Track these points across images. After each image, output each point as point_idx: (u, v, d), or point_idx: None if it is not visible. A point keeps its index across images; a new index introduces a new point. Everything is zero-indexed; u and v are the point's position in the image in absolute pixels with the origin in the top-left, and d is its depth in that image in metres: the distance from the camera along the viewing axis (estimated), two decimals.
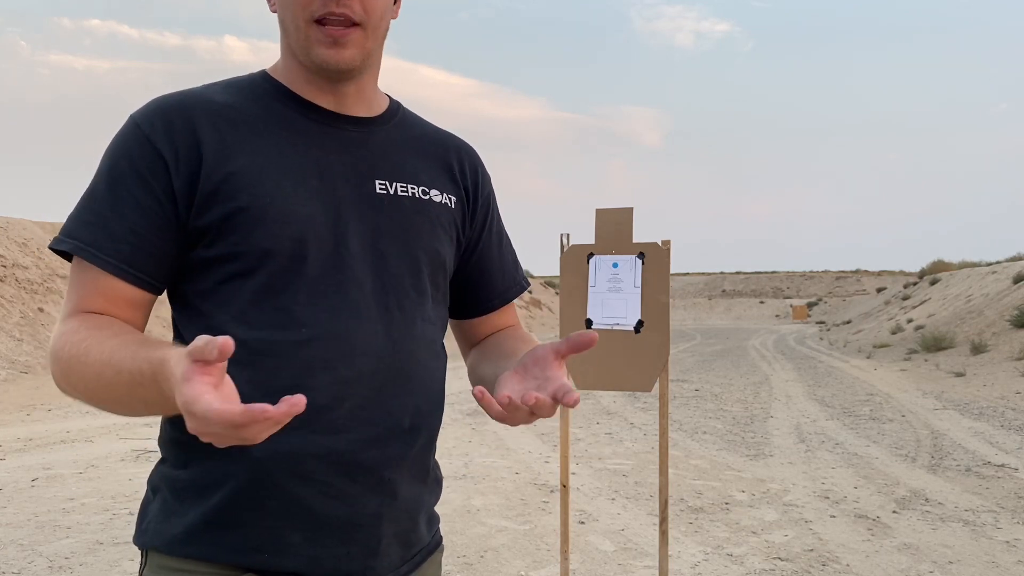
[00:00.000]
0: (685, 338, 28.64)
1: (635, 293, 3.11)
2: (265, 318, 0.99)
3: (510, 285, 1.29)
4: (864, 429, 8.13)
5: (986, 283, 23.16)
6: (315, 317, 0.99)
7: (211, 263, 1.00)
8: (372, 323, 1.02)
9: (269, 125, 1.05)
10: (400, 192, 1.09)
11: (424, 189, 1.12)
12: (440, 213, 1.13)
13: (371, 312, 1.03)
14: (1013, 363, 12.62)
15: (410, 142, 1.16)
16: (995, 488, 5.62)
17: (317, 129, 1.07)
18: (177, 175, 0.98)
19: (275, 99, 1.07)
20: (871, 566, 4.06)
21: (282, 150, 1.03)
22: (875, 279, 61.20)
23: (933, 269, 31.91)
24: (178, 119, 1.00)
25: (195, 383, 0.74)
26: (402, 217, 1.08)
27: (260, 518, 0.99)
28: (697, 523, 4.81)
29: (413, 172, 1.12)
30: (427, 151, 1.17)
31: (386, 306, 1.05)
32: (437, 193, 1.14)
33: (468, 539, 4.46)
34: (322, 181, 1.03)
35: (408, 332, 1.06)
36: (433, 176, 1.15)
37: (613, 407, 9.57)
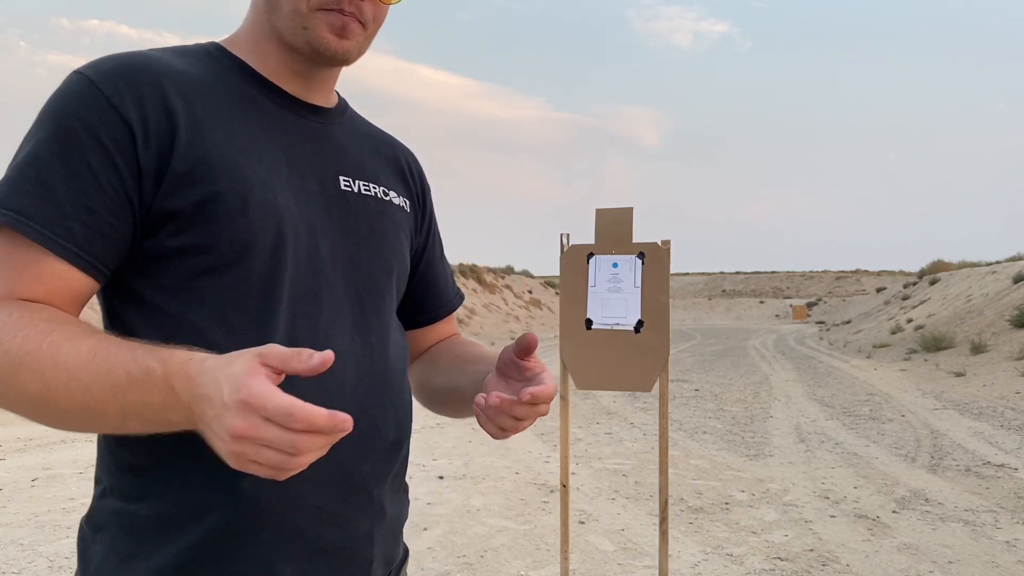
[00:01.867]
0: (685, 338, 28.63)
1: (635, 293, 3.11)
2: (247, 321, 0.88)
3: (453, 295, 1.26)
4: (864, 429, 8.13)
5: (986, 283, 23.16)
6: (295, 321, 0.91)
7: (178, 254, 0.87)
8: (351, 330, 0.96)
9: (237, 103, 0.95)
10: (364, 191, 1.03)
11: (384, 190, 1.07)
12: (400, 217, 1.09)
13: (348, 318, 0.97)
14: (1013, 363, 12.61)
15: (365, 139, 1.11)
16: (995, 488, 5.62)
17: (283, 114, 0.99)
18: (146, 149, 0.85)
19: (239, 76, 0.98)
20: (871, 566, 4.06)
21: (253, 133, 0.94)
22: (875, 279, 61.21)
23: (933, 269, 31.91)
24: (147, 85, 0.87)
25: (265, 379, 0.69)
26: (368, 218, 1.02)
27: (249, 554, 0.88)
28: (697, 523, 4.81)
29: (373, 171, 1.07)
30: (380, 150, 1.13)
31: (362, 311, 0.99)
32: (395, 195, 1.09)
33: (468, 539, 4.47)
34: (291, 172, 0.95)
35: (385, 340, 1.01)
36: (389, 177, 1.11)
37: (613, 407, 9.57)
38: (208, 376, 0.72)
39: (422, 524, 4.73)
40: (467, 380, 1.10)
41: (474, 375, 1.08)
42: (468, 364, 1.13)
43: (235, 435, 0.69)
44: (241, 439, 0.69)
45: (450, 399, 1.16)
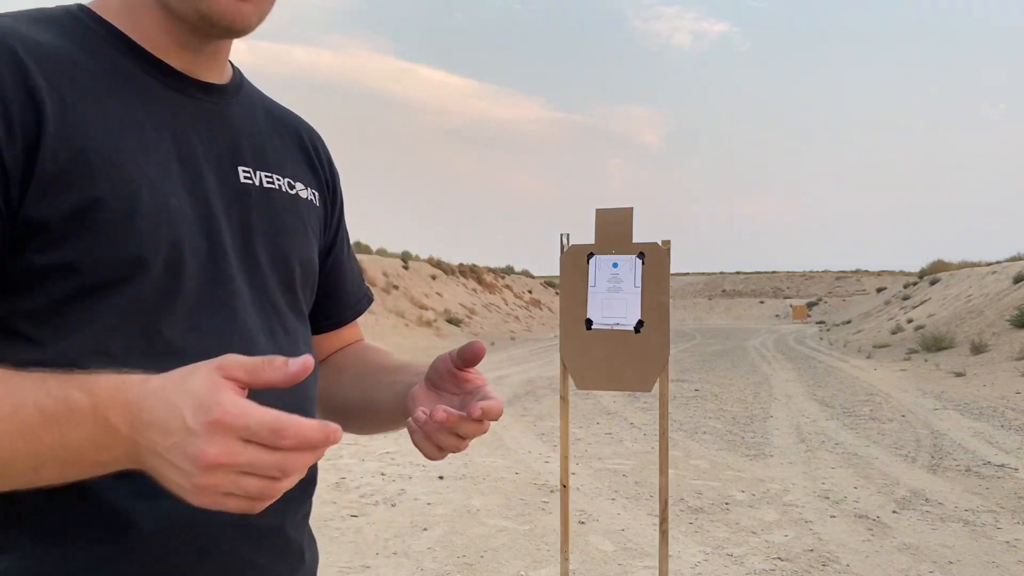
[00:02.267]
0: (685, 338, 28.64)
1: (635, 293, 3.11)
2: (135, 348, 0.73)
3: (361, 296, 1.12)
4: (864, 429, 8.13)
5: (986, 283, 23.16)
6: (199, 345, 0.76)
7: (47, 273, 0.71)
8: (264, 351, 0.81)
9: (114, 84, 0.78)
10: (266, 183, 0.89)
11: (290, 181, 0.93)
12: (308, 212, 0.95)
13: (259, 336, 0.83)
14: (1013, 363, 12.61)
15: (266, 120, 0.95)
16: (995, 488, 5.62)
17: (169, 95, 0.82)
18: (10, 146, 0.69)
19: (114, 48, 0.80)
20: (871, 566, 4.06)
21: (137, 120, 0.78)
22: (875, 279, 61.23)
23: (933, 269, 31.91)
24: (4, 64, 0.71)
25: (235, 393, 0.59)
26: (273, 216, 0.88)
27: None
28: (697, 523, 4.81)
29: (277, 159, 0.93)
30: (283, 132, 0.97)
31: (271, 329, 0.85)
32: (302, 187, 0.94)
33: (468, 539, 4.46)
34: (183, 165, 0.80)
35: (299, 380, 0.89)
36: (296, 165, 0.96)
37: (613, 407, 9.57)
38: (156, 399, 0.60)
39: (422, 524, 4.73)
40: (385, 393, 0.96)
41: (393, 387, 0.95)
42: (386, 375, 0.99)
43: (208, 464, 0.57)
44: (215, 468, 0.57)
45: (360, 414, 1.01)
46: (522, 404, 9.93)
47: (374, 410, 0.99)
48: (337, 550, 4.23)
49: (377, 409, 0.98)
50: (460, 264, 35.97)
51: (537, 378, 13.18)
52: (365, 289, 1.14)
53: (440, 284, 31.83)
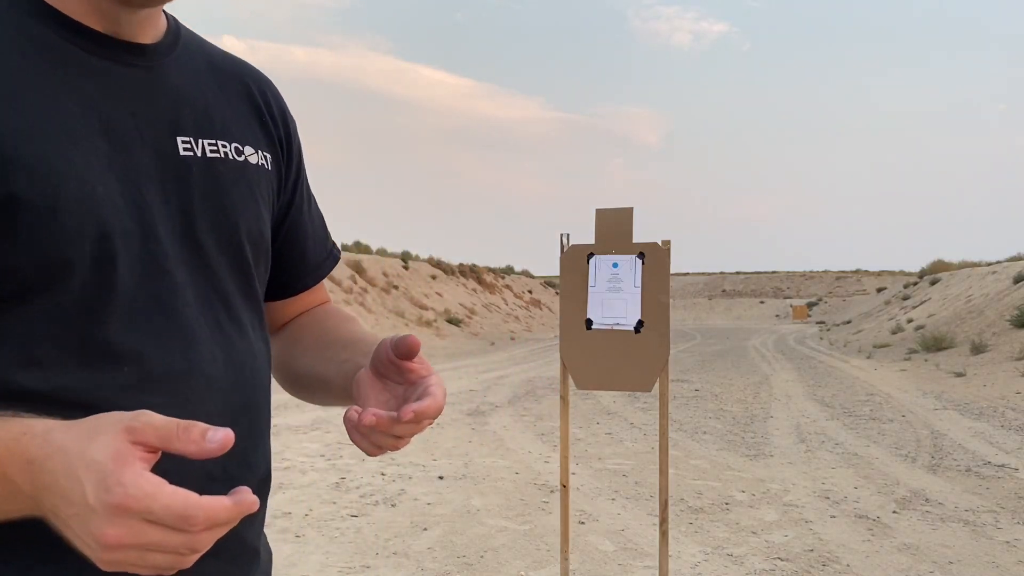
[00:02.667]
0: (685, 338, 28.64)
1: (635, 293, 3.11)
2: (68, 355, 0.67)
3: (324, 258, 1.02)
4: (864, 429, 8.13)
5: (986, 283, 23.16)
6: (138, 347, 0.70)
7: None
8: (208, 347, 0.76)
9: (25, 54, 0.69)
10: (210, 152, 0.80)
11: (237, 147, 0.83)
12: (258, 179, 0.85)
13: (204, 332, 0.76)
14: (1013, 363, 12.61)
15: (208, 76, 0.85)
16: (995, 488, 5.62)
17: (92, 63, 0.73)
18: None
19: (22, 11, 0.70)
20: (871, 566, 4.06)
21: (55, 96, 0.69)
22: (875, 279, 61.24)
23: (933, 269, 31.92)
24: None
25: (141, 469, 0.54)
26: (217, 189, 0.80)
27: None
28: (697, 523, 4.81)
29: (222, 122, 0.83)
30: (228, 87, 0.87)
31: (217, 320, 0.78)
32: (252, 151, 0.85)
33: (468, 539, 4.46)
34: (111, 143, 0.72)
35: (248, 352, 0.82)
36: (243, 126, 0.86)
37: (613, 407, 9.57)
38: (57, 462, 0.55)
39: (422, 524, 4.73)
40: (334, 370, 0.90)
41: (343, 366, 0.89)
42: (337, 350, 0.92)
43: (108, 545, 0.54)
44: (116, 548, 0.54)
45: (314, 387, 0.97)
46: (522, 404, 9.93)
47: (325, 387, 0.93)
48: (337, 550, 4.24)
49: (328, 386, 0.92)
50: (460, 264, 35.98)
51: (537, 378, 13.18)
52: (329, 247, 1.04)
53: (440, 284, 31.83)
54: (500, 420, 8.62)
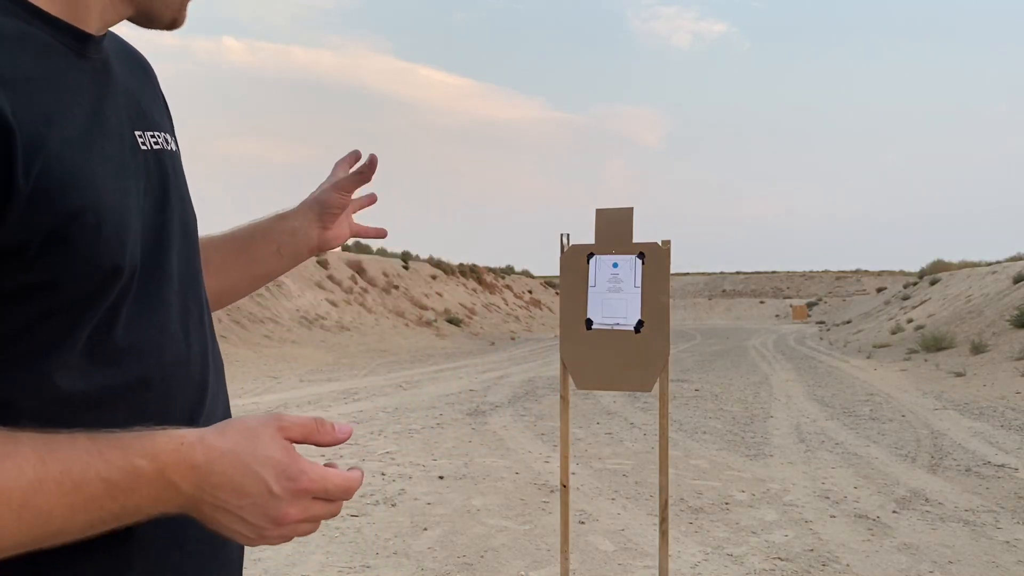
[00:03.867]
0: (685, 338, 28.64)
1: (635, 293, 3.11)
2: (106, 357, 0.70)
3: None
4: (864, 429, 8.13)
5: (986, 283, 23.16)
6: (137, 343, 0.73)
7: (12, 297, 0.64)
8: (197, 333, 0.81)
9: (39, 61, 0.67)
10: (155, 145, 0.80)
11: (166, 136, 0.84)
12: (181, 165, 0.88)
13: (190, 321, 0.80)
14: (1013, 363, 12.61)
15: (125, 64, 0.83)
16: (995, 488, 5.62)
17: (76, 62, 0.71)
18: None
19: (20, 17, 0.67)
20: (871, 566, 4.06)
21: (70, 102, 0.69)
22: (875, 279, 61.25)
23: (933, 269, 31.92)
24: None
25: (307, 460, 0.66)
26: (169, 180, 0.81)
27: None
28: (697, 523, 4.81)
29: (150, 113, 0.83)
30: (140, 75, 0.86)
31: (190, 307, 0.81)
32: (170, 138, 0.85)
33: (468, 539, 4.47)
34: (106, 141, 0.72)
35: (213, 337, 0.86)
36: (161, 114, 0.87)
37: (613, 407, 9.57)
38: (227, 462, 0.64)
39: (422, 524, 4.73)
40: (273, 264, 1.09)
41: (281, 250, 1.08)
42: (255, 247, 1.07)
43: (289, 522, 0.66)
44: (292, 524, 0.66)
45: (240, 287, 1.09)
46: (522, 404, 9.93)
47: (265, 278, 1.09)
48: (337, 550, 4.24)
49: (271, 275, 1.09)
50: (460, 264, 35.97)
51: (537, 378, 13.18)
52: None
53: (440, 284, 31.83)
54: (500, 420, 8.62)
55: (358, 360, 16.48)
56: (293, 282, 21.59)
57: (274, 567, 3.96)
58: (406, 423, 8.35)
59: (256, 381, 12.19)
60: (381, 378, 13.18)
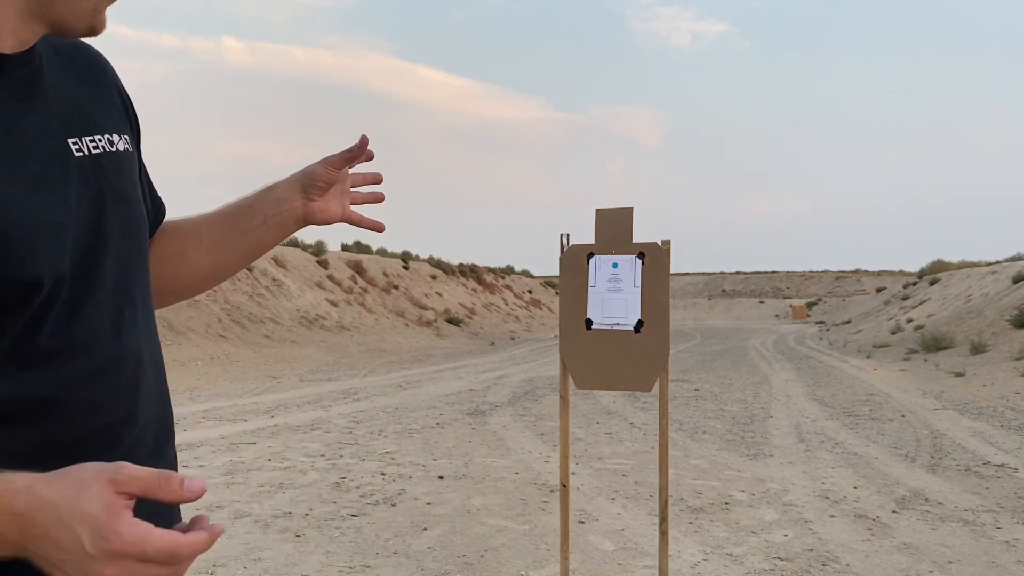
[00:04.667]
0: (685, 338, 28.64)
1: (635, 293, 3.11)
2: (31, 362, 0.73)
3: (160, 205, 1.06)
4: (864, 429, 8.14)
5: (985, 283, 23.17)
6: (68, 347, 0.75)
7: None
8: (132, 333, 0.83)
9: None
10: (94, 149, 0.82)
11: (110, 138, 0.85)
12: (130, 164, 0.89)
13: (127, 320, 0.83)
14: (1012, 363, 12.62)
15: (63, 69, 0.85)
16: (995, 488, 5.62)
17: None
18: None
19: None
20: (871, 566, 4.06)
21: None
22: (875, 279, 61.25)
23: (933, 269, 31.93)
24: None
25: (131, 517, 0.61)
26: (109, 184, 0.83)
27: None
28: (697, 523, 4.81)
29: (93, 116, 0.84)
30: (85, 77, 0.87)
31: (133, 308, 0.84)
32: (119, 138, 0.87)
33: (468, 539, 4.47)
34: (25, 158, 0.74)
35: (151, 337, 0.88)
36: (108, 114, 0.88)
37: (613, 407, 9.57)
38: (48, 514, 0.62)
39: (422, 524, 4.73)
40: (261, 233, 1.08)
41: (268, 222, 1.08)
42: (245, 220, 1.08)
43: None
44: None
45: (232, 262, 1.11)
46: (522, 404, 9.94)
47: (255, 251, 1.10)
48: (337, 550, 4.24)
49: (260, 247, 1.10)
50: (460, 264, 35.97)
51: (537, 378, 13.18)
52: (159, 198, 1.08)
53: (440, 284, 31.83)
54: (500, 420, 8.62)
55: (358, 360, 16.49)
56: (293, 282, 21.60)
57: (274, 567, 3.97)
58: (406, 423, 8.36)
59: (256, 381, 12.19)
60: (381, 378, 13.18)
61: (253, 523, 4.66)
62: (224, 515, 4.82)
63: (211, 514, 4.83)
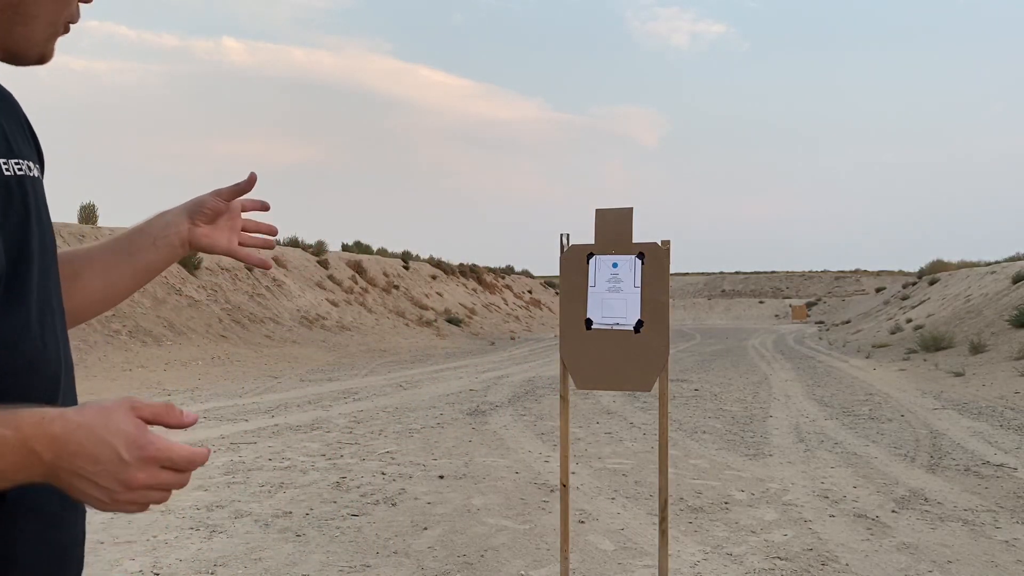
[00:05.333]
0: (685, 338, 28.65)
1: (635, 293, 3.12)
2: None
3: None
4: (863, 429, 8.14)
5: (985, 283, 23.17)
6: (10, 339, 0.83)
7: None
8: (48, 335, 0.89)
9: None
10: (19, 172, 0.88)
11: (29, 164, 0.91)
12: (43, 190, 0.95)
13: (50, 322, 0.90)
14: (1012, 363, 12.63)
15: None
16: (994, 488, 5.63)
17: None
18: None
19: None
20: (870, 565, 4.07)
21: None
22: (874, 279, 61.24)
23: (932, 269, 31.94)
24: None
25: (154, 432, 0.75)
26: (32, 204, 0.89)
27: None
28: (697, 523, 4.82)
29: (14, 142, 0.90)
30: (8, 111, 0.94)
31: (53, 314, 0.91)
32: (33, 166, 0.93)
33: (468, 539, 4.47)
34: None
35: (66, 341, 0.95)
36: (22, 144, 0.93)
37: (613, 407, 9.58)
38: (83, 434, 0.73)
39: (422, 524, 4.74)
40: (150, 256, 1.16)
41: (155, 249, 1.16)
42: (131, 251, 1.15)
43: (137, 486, 0.74)
44: (139, 489, 0.75)
45: (117, 292, 1.17)
46: (522, 404, 9.94)
47: (145, 272, 1.17)
48: (338, 549, 4.25)
49: (149, 268, 1.17)
50: (460, 264, 35.98)
51: (537, 378, 13.19)
52: None
53: (440, 284, 31.83)
54: (500, 420, 8.63)
55: (358, 360, 16.49)
56: (293, 282, 21.61)
57: (274, 567, 3.97)
58: (406, 423, 8.36)
59: (257, 381, 12.20)
60: (381, 378, 13.19)
61: (253, 523, 4.66)
62: (224, 515, 4.82)
63: (212, 513, 4.84)
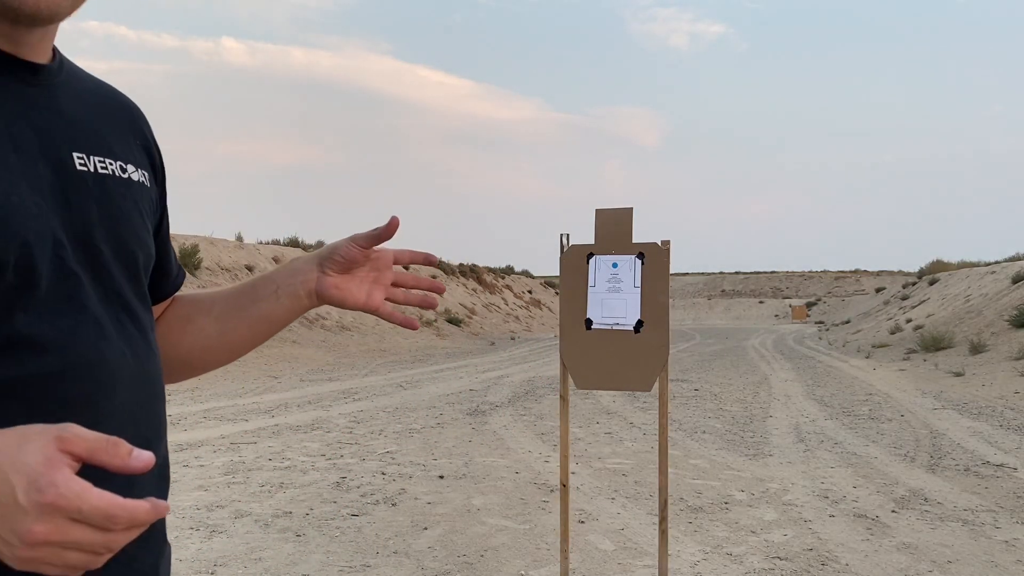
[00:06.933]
0: (684, 338, 28.65)
1: (635, 293, 3.12)
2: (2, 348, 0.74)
3: (178, 271, 1.09)
4: (863, 429, 8.14)
5: (985, 283, 23.18)
6: (59, 340, 0.77)
7: None
8: (116, 342, 0.82)
9: None
10: (100, 169, 0.86)
11: (122, 165, 0.90)
12: (141, 196, 0.92)
13: (110, 328, 0.82)
14: (1012, 363, 12.63)
15: (92, 99, 0.92)
16: (994, 488, 5.63)
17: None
18: None
19: None
20: (870, 565, 4.07)
21: None
22: (874, 279, 61.26)
23: (932, 269, 31.95)
24: None
25: (71, 473, 0.58)
26: (110, 203, 0.86)
27: None
28: (697, 522, 4.82)
29: (107, 141, 0.90)
30: (110, 112, 0.94)
31: (118, 319, 0.84)
32: (134, 169, 0.92)
33: (468, 539, 4.48)
34: (19, 156, 0.78)
35: (149, 351, 0.89)
36: (125, 147, 0.93)
37: (613, 407, 9.58)
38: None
39: (422, 524, 4.74)
40: (271, 304, 1.05)
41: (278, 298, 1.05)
42: (248, 295, 1.06)
43: (34, 542, 0.57)
44: (42, 545, 0.58)
45: (241, 339, 1.08)
46: (522, 404, 9.94)
47: (265, 323, 1.07)
48: (338, 549, 4.25)
49: (270, 319, 1.07)
50: (460, 264, 35.96)
51: (537, 378, 13.19)
52: (179, 264, 1.12)
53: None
54: (500, 420, 8.63)
55: (359, 360, 16.50)
56: None
57: (274, 567, 3.97)
58: (406, 423, 8.36)
59: (257, 381, 12.20)
60: (381, 378, 13.19)
61: (253, 523, 4.66)
62: (225, 515, 4.82)
63: (212, 514, 4.84)
